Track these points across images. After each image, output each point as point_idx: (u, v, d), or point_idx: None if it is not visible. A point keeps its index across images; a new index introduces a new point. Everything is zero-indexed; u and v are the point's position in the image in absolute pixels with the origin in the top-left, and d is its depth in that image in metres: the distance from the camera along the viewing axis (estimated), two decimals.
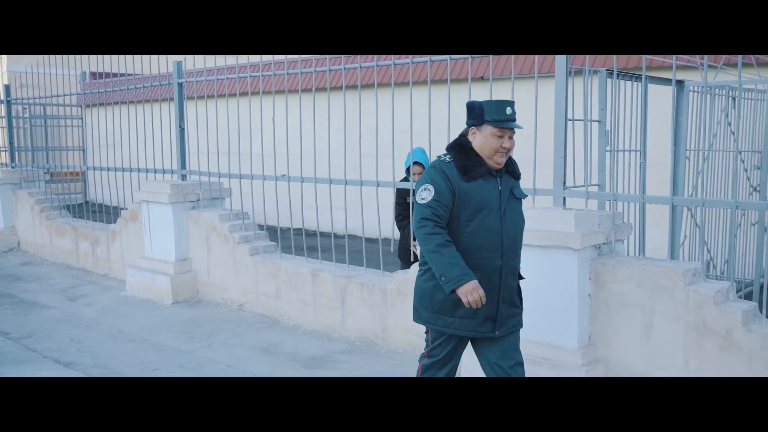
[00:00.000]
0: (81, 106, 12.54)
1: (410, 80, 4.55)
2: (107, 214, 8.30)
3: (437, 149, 4.64)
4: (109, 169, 7.37)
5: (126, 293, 6.39)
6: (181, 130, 6.35)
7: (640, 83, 4.41)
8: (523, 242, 3.72)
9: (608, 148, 4.24)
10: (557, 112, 3.90)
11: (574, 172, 4.07)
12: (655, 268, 3.51)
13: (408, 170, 4.92)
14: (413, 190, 5.02)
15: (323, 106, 5.21)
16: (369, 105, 5.16)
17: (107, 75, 7.65)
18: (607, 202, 4.19)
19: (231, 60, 7.04)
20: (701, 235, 5.18)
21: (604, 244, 3.80)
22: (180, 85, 6.30)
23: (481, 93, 5.32)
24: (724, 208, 5.84)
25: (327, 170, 5.20)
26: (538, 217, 3.75)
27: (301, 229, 9.28)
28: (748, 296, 5.76)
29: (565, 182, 3.95)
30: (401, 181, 4.80)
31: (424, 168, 4.97)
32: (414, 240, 4.99)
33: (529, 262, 3.77)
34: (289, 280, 5.31)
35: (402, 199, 5.05)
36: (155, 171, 6.64)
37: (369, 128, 5.18)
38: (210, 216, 5.92)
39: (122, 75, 6.85)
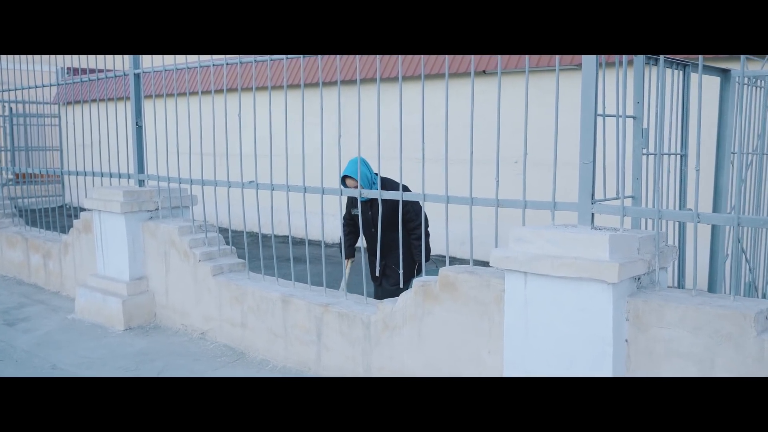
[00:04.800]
0: (59, 104, 11.74)
1: (399, 75, 3.72)
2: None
3: (435, 146, 3.85)
4: (71, 173, 6.55)
5: (74, 316, 5.55)
6: (139, 128, 5.51)
7: (683, 72, 3.59)
8: (541, 272, 2.95)
9: (645, 150, 3.41)
10: (584, 106, 3.07)
11: (605, 181, 3.24)
12: (716, 309, 2.68)
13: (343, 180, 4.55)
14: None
15: (297, 105, 4.38)
16: (355, 104, 4.32)
17: (89, 71, 6.82)
18: (643, 220, 3.37)
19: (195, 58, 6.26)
20: (751, 256, 4.36)
21: (645, 274, 2.97)
22: (137, 76, 5.46)
23: (485, 87, 4.51)
24: None
25: (301, 176, 4.38)
26: (560, 239, 2.92)
27: (283, 237, 8.42)
28: None
29: (593, 194, 3.12)
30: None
31: (356, 182, 4.39)
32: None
33: (549, 296, 2.95)
34: (257, 307, 4.47)
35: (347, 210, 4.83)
36: (111, 176, 5.80)
37: (354, 130, 4.36)
38: (168, 228, 5.08)
39: (101, 71, 6.03)
